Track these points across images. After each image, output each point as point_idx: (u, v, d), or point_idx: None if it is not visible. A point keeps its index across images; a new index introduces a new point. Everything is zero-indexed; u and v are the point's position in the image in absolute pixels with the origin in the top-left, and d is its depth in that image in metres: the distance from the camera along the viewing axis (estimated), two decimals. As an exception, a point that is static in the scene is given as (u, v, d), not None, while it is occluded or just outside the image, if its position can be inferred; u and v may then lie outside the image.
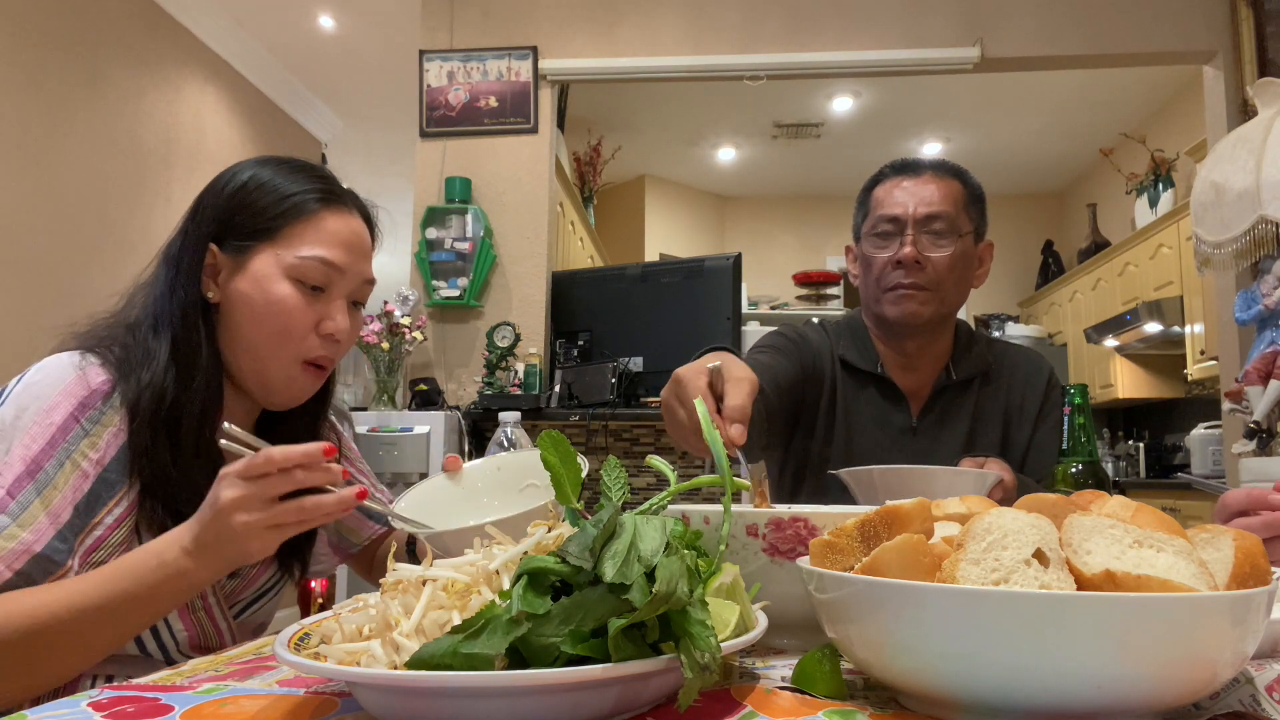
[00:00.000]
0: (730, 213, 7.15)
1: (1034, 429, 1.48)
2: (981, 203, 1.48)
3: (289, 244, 0.98)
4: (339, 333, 1.00)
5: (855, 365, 1.50)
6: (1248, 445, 2.08)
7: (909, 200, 1.42)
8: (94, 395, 0.91)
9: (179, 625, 0.96)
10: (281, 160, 1.04)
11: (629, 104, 5.44)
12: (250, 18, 4.59)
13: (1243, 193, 2.17)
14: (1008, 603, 0.45)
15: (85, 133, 3.70)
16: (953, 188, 1.44)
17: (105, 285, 1.08)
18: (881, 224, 1.43)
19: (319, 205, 1.00)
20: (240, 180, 1.00)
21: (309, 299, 0.99)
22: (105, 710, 0.55)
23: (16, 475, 0.85)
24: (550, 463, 0.62)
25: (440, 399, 3.44)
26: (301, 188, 1.00)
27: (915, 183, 1.44)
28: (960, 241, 1.42)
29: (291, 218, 0.99)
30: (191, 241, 0.99)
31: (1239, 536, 0.53)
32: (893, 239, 1.42)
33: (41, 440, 0.87)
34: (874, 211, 1.46)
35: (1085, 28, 3.68)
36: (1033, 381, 1.50)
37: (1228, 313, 3.41)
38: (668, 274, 3.38)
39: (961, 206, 1.44)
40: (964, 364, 1.49)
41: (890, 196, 1.44)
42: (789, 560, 0.68)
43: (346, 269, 1.01)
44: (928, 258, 1.40)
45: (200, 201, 1.01)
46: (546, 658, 0.47)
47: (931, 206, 1.41)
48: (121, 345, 0.96)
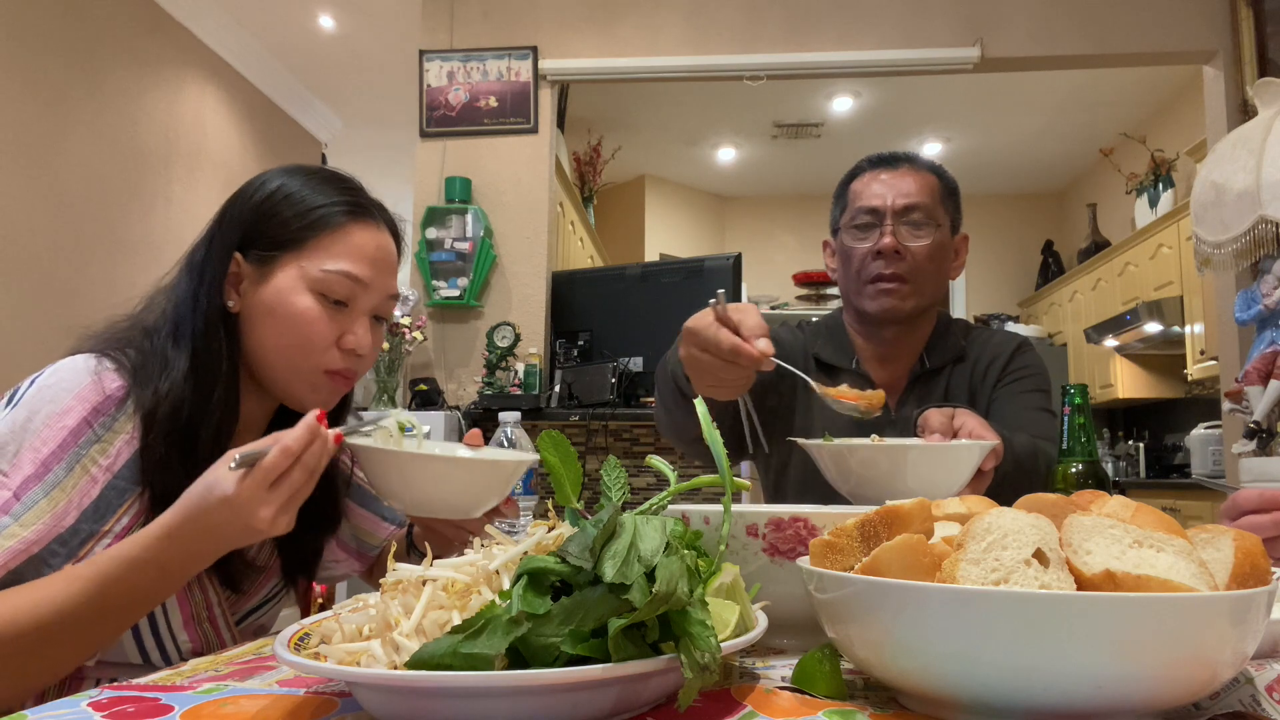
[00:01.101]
0: (730, 213, 7.15)
1: (991, 393, 1.47)
2: (956, 196, 1.51)
3: (314, 256, 0.97)
4: (360, 348, 0.99)
5: (829, 362, 1.51)
6: (1248, 445, 2.08)
7: (887, 192, 1.44)
8: (108, 401, 0.90)
9: (184, 636, 0.95)
10: (310, 170, 1.03)
11: (629, 104, 5.44)
12: (250, 18, 4.59)
13: (1243, 193, 2.17)
14: (1008, 603, 0.45)
15: (85, 133, 3.70)
16: (929, 180, 1.46)
17: (105, 285, 1.08)
18: (860, 215, 1.45)
19: (346, 218, 0.99)
20: (268, 189, 0.99)
21: (331, 313, 0.97)
22: (105, 710, 0.55)
23: (25, 477, 0.84)
24: (550, 463, 0.62)
25: (440, 399, 3.45)
26: (329, 199, 0.99)
27: (893, 175, 1.46)
28: (938, 232, 1.45)
29: (318, 230, 0.97)
30: (217, 250, 0.98)
31: (1239, 536, 0.53)
32: (872, 230, 1.44)
33: (53, 443, 0.86)
34: (852, 204, 1.48)
35: (1085, 28, 3.68)
36: (999, 355, 1.50)
37: (1228, 313, 3.41)
38: (668, 274, 3.38)
39: (938, 199, 1.46)
40: (938, 352, 1.50)
41: (868, 189, 1.46)
42: (789, 560, 0.68)
43: (371, 284, 0.99)
44: (907, 248, 1.42)
45: (227, 209, 1.00)
46: (546, 658, 0.47)
47: (910, 198, 1.43)
48: (138, 350, 0.95)
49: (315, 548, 1.10)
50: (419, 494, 0.91)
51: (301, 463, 0.81)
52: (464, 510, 0.94)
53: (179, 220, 4.27)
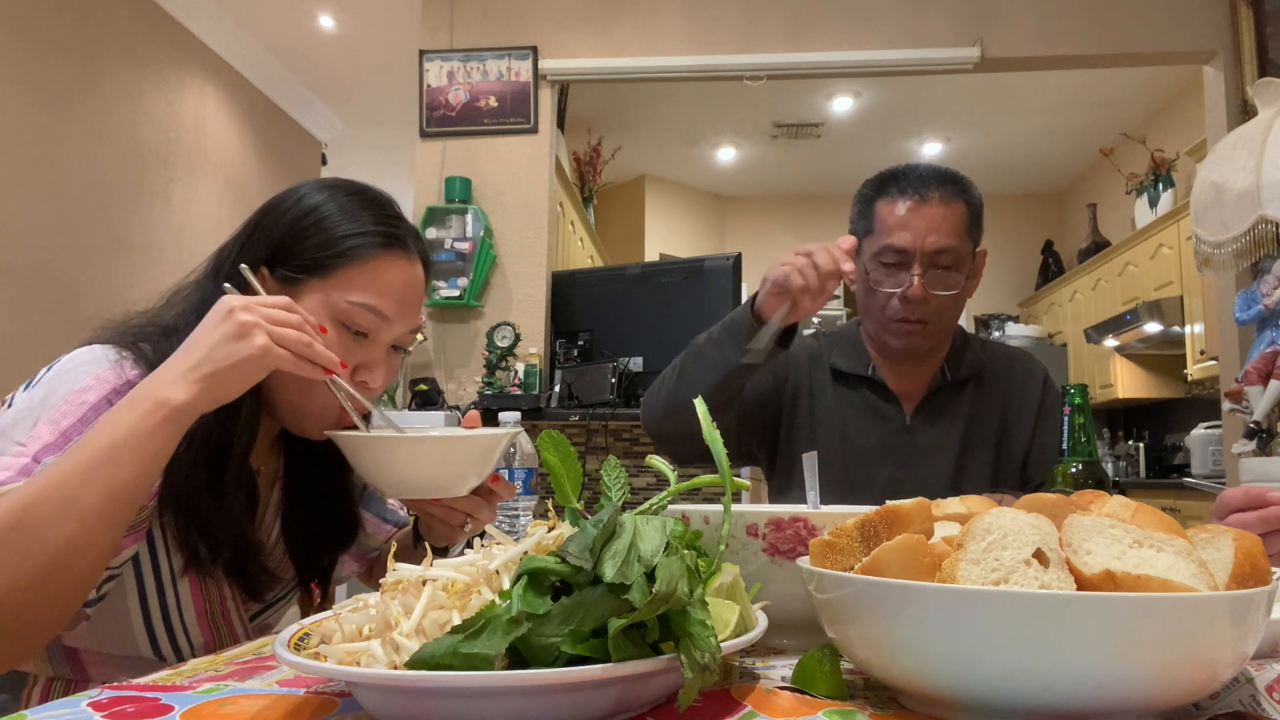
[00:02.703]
0: (730, 213, 7.14)
1: (1034, 432, 1.49)
2: (980, 214, 1.48)
3: (341, 286, 0.94)
4: (373, 381, 0.97)
5: (847, 371, 1.52)
6: (1248, 445, 2.08)
7: (917, 232, 1.40)
8: (127, 386, 0.87)
9: (196, 631, 0.95)
10: (350, 190, 0.99)
11: (629, 104, 5.44)
12: (250, 18, 4.59)
13: (1243, 193, 2.17)
14: (1008, 603, 0.45)
15: (85, 133, 3.70)
16: (958, 212, 1.42)
17: (105, 285, 1.08)
18: (888, 253, 1.42)
19: (379, 249, 0.95)
20: (304, 207, 0.96)
21: (351, 344, 0.95)
22: (105, 710, 0.55)
23: (44, 444, 0.82)
24: (550, 463, 0.62)
25: (440, 399, 3.45)
26: (363, 229, 0.96)
27: (923, 209, 1.41)
28: (965, 271, 1.43)
29: (348, 260, 0.94)
30: (245, 261, 0.94)
31: (1239, 536, 0.53)
32: (899, 271, 1.41)
33: (73, 417, 0.84)
34: (879, 232, 1.44)
35: (1085, 28, 3.67)
36: (1029, 384, 1.52)
37: (1228, 313, 3.41)
38: (668, 274, 3.38)
39: (966, 230, 1.43)
40: (959, 365, 1.51)
41: (897, 223, 1.41)
42: (789, 560, 0.68)
43: (395, 319, 0.97)
44: (935, 294, 1.41)
45: (259, 220, 0.97)
46: (546, 658, 0.47)
47: (940, 239, 1.40)
48: (156, 349, 0.92)
49: (331, 559, 1.09)
50: (399, 476, 0.91)
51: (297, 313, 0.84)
52: (445, 489, 0.93)
53: (179, 220, 4.27)
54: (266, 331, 0.80)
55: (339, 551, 1.10)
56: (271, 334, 0.81)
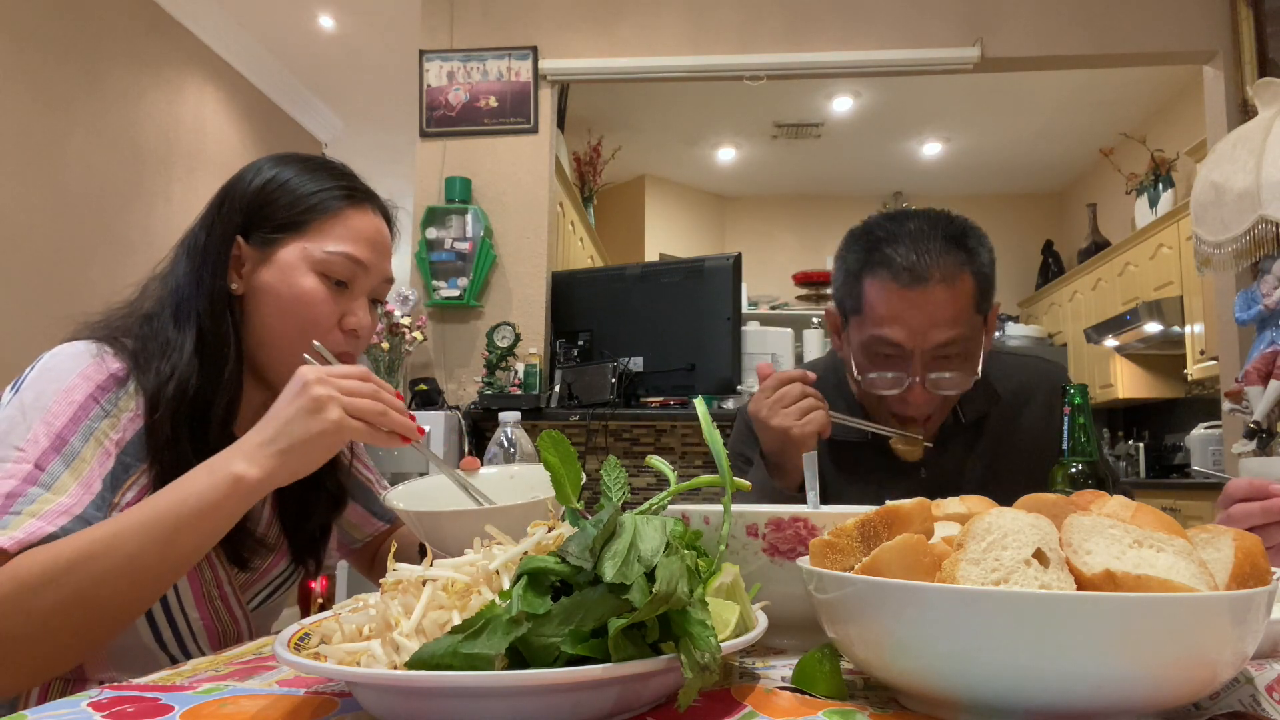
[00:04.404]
0: (730, 213, 7.14)
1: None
2: (992, 276, 1.23)
3: (317, 238, 1.00)
4: (361, 328, 1.02)
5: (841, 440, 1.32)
6: (1248, 445, 2.07)
7: (914, 324, 1.16)
8: (111, 379, 0.91)
9: (195, 614, 0.97)
10: (303, 158, 1.06)
11: (629, 104, 5.44)
12: (250, 18, 4.59)
13: (1243, 193, 2.17)
14: (1008, 603, 0.45)
15: (85, 133, 3.70)
16: (964, 291, 1.17)
17: (105, 285, 1.08)
18: (880, 346, 1.19)
19: (344, 203, 1.02)
20: (265, 176, 1.02)
21: (333, 293, 1.00)
22: (105, 710, 0.55)
23: (43, 450, 0.85)
24: (550, 463, 0.62)
25: (440, 399, 3.44)
26: (324, 185, 1.02)
27: (921, 296, 1.15)
28: (973, 353, 1.21)
29: (319, 213, 1.00)
30: (218, 233, 1.00)
31: (1239, 536, 0.53)
32: (895, 366, 1.19)
33: (64, 417, 0.87)
34: (869, 321, 1.19)
35: (1085, 28, 3.67)
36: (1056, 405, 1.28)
37: (1228, 313, 3.41)
38: (668, 274, 3.37)
39: (973, 305, 1.19)
40: (971, 406, 1.32)
41: (890, 311, 1.17)
42: (789, 560, 0.68)
43: (371, 266, 1.03)
44: (938, 392, 1.20)
45: (226, 194, 1.03)
46: (546, 658, 0.47)
47: (944, 331, 1.16)
48: (136, 337, 0.96)
49: (323, 525, 1.11)
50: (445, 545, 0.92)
51: (372, 382, 0.87)
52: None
53: (179, 220, 4.26)
54: (341, 405, 0.84)
55: (330, 517, 1.12)
56: (346, 406, 0.84)
